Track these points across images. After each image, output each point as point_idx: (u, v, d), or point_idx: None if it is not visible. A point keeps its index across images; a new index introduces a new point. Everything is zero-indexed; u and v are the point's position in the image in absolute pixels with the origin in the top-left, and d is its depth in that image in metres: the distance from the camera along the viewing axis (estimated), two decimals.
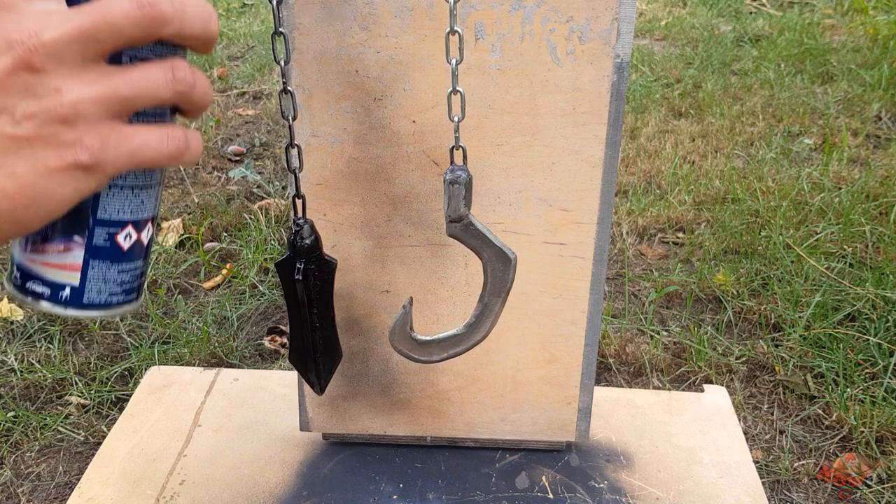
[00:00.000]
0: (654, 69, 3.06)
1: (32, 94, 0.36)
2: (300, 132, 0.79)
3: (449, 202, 0.65)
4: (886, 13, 3.67)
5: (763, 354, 1.47)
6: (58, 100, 0.36)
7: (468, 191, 0.65)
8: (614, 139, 0.78)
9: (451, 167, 0.65)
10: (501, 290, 0.69)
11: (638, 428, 1.04)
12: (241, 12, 4.17)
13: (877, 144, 2.40)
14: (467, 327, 0.71)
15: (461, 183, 0.64)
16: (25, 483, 1.20)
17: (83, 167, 0.37)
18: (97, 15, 0.36)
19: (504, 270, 0.68)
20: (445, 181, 0.64)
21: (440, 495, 0.91)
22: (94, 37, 0.36)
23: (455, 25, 0.63)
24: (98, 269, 0.42)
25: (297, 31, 0.75)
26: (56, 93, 0.36)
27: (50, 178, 0.36)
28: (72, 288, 0.42)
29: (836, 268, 1.69)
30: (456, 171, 0.65)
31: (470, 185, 0.65)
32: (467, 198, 0.65)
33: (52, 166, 0.36)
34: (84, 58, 0.37)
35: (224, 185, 2.21)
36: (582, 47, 0.74)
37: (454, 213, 0.65)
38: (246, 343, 1.53)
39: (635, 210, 1.99)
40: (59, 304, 0.42)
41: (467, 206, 0.66)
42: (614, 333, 1.53)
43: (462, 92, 0.64)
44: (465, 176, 0.65)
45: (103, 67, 0.37)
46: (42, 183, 0.36)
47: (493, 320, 0.70)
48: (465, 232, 0.66)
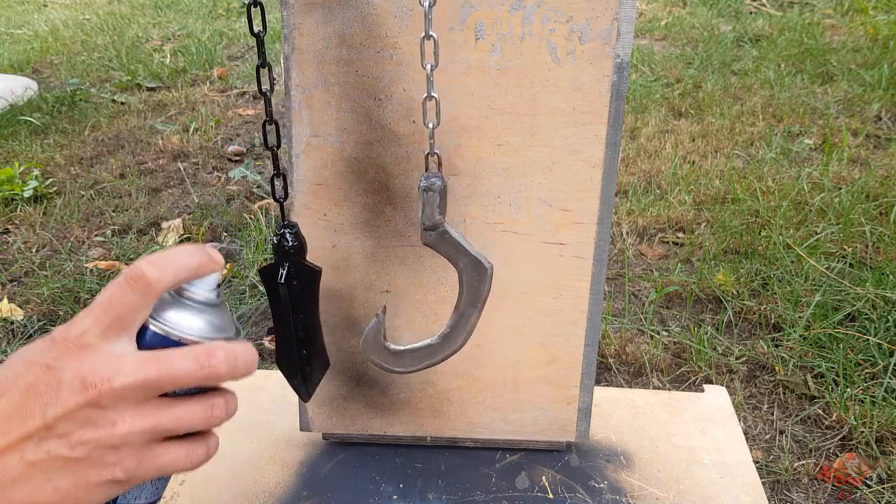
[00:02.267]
0: (654, 69, 3.06)
1: (91, 425, 0.41)
2: (300, 133, 0.79)
3: (423, 209, 0.64)
4: (886, 13, 3.67)
5: (763, 354, 1.47)
6: (112, 430, 0.41)
7: (443, 198, 0.64)
8: (614, 139, 0.78)
9: (426, 174, 0.64)
10: (477, 300, 0.67)
11: (638, 428, 1.04)
12: (240, 12, 4.17)
13: (877, 144, 2.40)
14: (442, 337, 0.69)
15: (436, 190, 0.64)
16: None
17: (118, 482, 0.43)
18: (163, 370, 0.42)
19: (480, 280, 0.67)
20: (420, 188, 0.64)
21: (440, 495, 0.91)
22: (157, 385, 0.42)
23: (430, 30, 0.62)
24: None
25: (297, 31, 0.75)
26: (112, 425, 0.42)
27: (88, 491, 0.42)
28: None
29: (836, 268, 1.69)
30: (430, 178, 0.64)
31: (445, 193, 0.64)
32: (442, 205, 0.64)
33: (92, 482, 0.42)
34: (143, 399, 0.43)
35: (224, 185, 2.21)
36: (582, 47, 0.74)
37: (429, 221, 0.64)
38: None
39: (635, 210, 1.99)
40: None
41: (442, 214, 0.65)
42: (614, 333, 1.53)
43: (437, 98, 0.63)
44: (440, 183, 0.64)
45: (154, 402, 0.43)
46: (80, 495, 0.42)
47: (468, 331, 0.69)
48: (440, 240, 0.66)
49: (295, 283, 0.69)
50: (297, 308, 0.70)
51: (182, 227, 1.93)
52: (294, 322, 0.70)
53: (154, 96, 2.98)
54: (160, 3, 4.44)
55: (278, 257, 0.69)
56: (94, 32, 3.90)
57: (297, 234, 0.69)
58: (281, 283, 0.68)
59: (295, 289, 0.69)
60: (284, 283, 0.68)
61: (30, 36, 3.89)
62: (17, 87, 2.95)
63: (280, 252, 0.69)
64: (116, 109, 2.84)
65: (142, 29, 3.95)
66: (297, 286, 0.69)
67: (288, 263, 0.68)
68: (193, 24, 3.95)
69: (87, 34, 3.86)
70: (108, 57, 3.46)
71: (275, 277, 0.68)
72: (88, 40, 3.75)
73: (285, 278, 0.68)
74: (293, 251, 0.69)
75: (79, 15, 4.34)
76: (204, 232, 1.90)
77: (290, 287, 0.68)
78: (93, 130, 2.63)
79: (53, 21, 4.18)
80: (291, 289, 0.69)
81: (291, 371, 0.75)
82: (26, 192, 2.12)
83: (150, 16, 4.23)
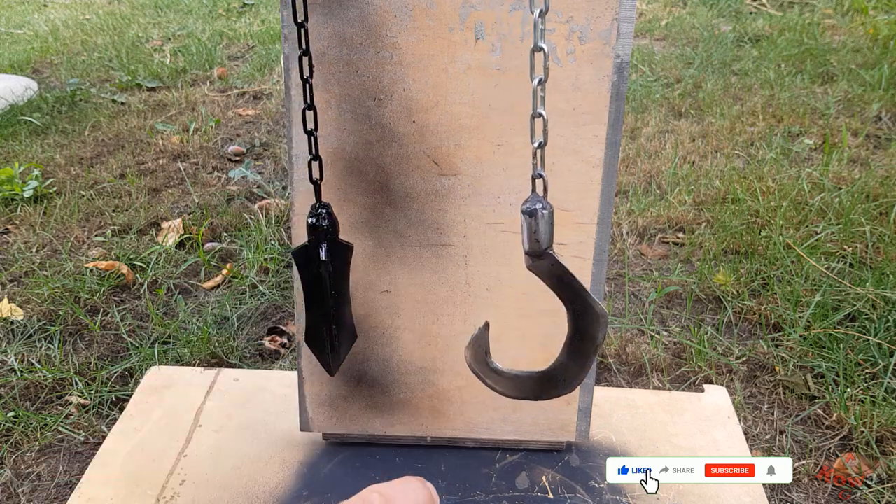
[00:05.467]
0: (654, 69, 3.06)
1: None
2: (300, 133, 0.80)
3: (526, 235, 0.57)
4: (886, 13, 3.67)
5: (763, 354, 1.47)
6: None
7: (549, 225, 0.57)
8: (614, 139, 0.78)
9: (531, 196, 0.57)
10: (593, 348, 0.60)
11: (638, 428, 1.04)
12: (241, 12, 4.17)
13: (877, 144, 2.40)
14: (547, 375, 0.64)
15: (539, 217, 0.57)
16: (25, 483, 1.20)
17: None
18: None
19: (595, 328, 0.60)
20: (522, 212, 0.57)
21: (440, 495, 0.91)
22: None
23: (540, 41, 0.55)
24: None
25: (297, 31, 0.75)
26: None
27: None
28: None
29: (836, 268, 1.69)
30: (535, 202, 0.57)
31: (552, 220, 0.57)
32: (547, 233, 0.57)
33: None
34: None
35: (224, 186, 2.21)
36: (582, 47, 0.74)
37: (530, 247, 0.58)
38: (246, 343, 1.53)
39: (635, 210, 1.98)
40: None
41: (546, 242, 0.58)
42: (614, 333, 1.53)
43: (545, 115, 0.56)
44: (546, 209, 0.57)
45: None
46: None
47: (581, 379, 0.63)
48: (548, 270, 0.59)
49: (332, 258, 0.72)
50: (331, 282, 0.72)
51: (182, 227, 1.93)
52: (328, 296, 0.73)
53: (154, 96, 2.98)
54: (160, 4, 4.44)
55: (315, 237, 0.71)
56: (95, 32, 3.90)
57: (331, 213, 0.72)
58: (323, 260, 0.70)
59: (331, 263, 0.72)
60: (326, 260, 0.70)
61: (30, 36, 3.89)
62: (18, 87, 2.95)
63: (317, 231, 0.71)
64: (116, 109, 2.84)
65: (142, 29, 3.95)
66: (334, 261, 0.72)
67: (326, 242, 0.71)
68: (194, 24, 3.95)
69: (87, 34, 3.86)
70: (108, 57, 3.46)
71: (310, 258, 0.71)
72: (89, 40, 3.75)
73: (325, 253, 0.71)
74: (330, 230, 0.71)
75: (79, 15, 4.34)
76: (204, 232, 1.90)
77: (327, 262, 0.71)
78: (93, 130, 2.63)
79: (54, 21, 4.18)
80: (328, 263, 0.71)
81: (321, 348, 0.77)
82: (26, 192, 2.12)
83: (150, 16, 4.23)
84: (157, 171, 2.32)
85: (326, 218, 0.71)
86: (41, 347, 1.51)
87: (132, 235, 1.93)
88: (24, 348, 1.51)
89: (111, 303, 1.66)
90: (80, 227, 1.98)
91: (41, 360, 1.47)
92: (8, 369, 1.45)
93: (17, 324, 1.58)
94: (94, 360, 1.47)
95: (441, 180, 0.81)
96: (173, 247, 1.86)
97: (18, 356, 1.48)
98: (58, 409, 1.36)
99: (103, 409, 1.35)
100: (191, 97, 2.93)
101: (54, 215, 2.03)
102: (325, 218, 0.71)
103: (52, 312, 1.62)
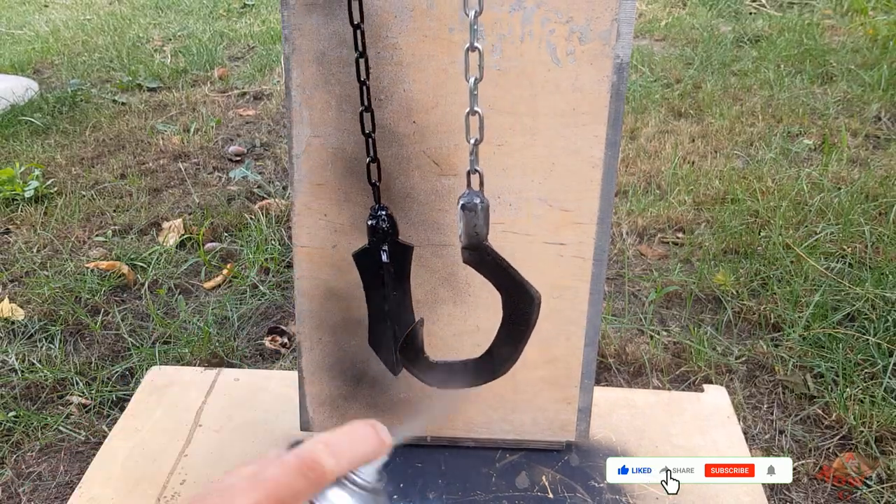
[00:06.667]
0: (653, 69, 3.06)
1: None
2: (300, 133, 0.80)
3: (463, 228, 0.61)
4: (886, 13, 3.67)
5: (763, 354, 1.47)
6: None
7: (485, 218, 0.60)
8: (614, 139, 0.78)
9: (467, 191, 0.61)
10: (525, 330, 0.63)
11: (638, 428, 1.04)
12: (241, 13, 4.17)
13: (876, 145, 2.40)
14: (482, 360, 0.66)
15: (475, 209, 0.60)
16: (26, 483, 1.20)
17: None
18: (272, 488, 0.40)
19: (527, 310, 0.62)
20: (459, 206, 0.61)
21: (440, 495, 0.92)
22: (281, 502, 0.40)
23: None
24: None
25: (297, 32, 0.75)
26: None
27: None
28: None
29: (835, 268, 1.69)
30: (471, 196, 0.60)
31: (487, 212, 0.60)
32: (483, 225, 0.60)
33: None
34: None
35: (224, 186, 2.22)
36: (582, 48, 0.74)
37: (468, 240, 0.61)
38: (247, 343, 1.53)
39: (635, 210, 1.99)
40: None
41: (483, 234, 0.61)
42: (614, 333, 1.53)
43: (481, 113, 0.59)
44: (481, 202, 0.60)
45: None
46: None
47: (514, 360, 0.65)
48: (480, 261, 0.62)
49: (393, 259, 0.72)
50: (393, 284, 0.72)
51: (182, 227, 1.93)
52: (392, 300, 0.73)
53: (155, 97, 2.98)
54: (161, 4, 4.44)
55: (376, 239, 0.71)
56: (95, 33, 3.90)
57: (390, 215, 0.72)
58: (386, 262, 0.71)
59: (393, 265, 0.72)
60: (389, 262, 0.70)
61: (31, 36, 3.89)
62: (19, 88, 2.95)
63: (378, 234, 0.71)
64: (117, 110, 2.84)
65: (143, 29, 3.95)
66: (395, 262, 0.72)
67: (386, 244, 0.71)
68: (194, 24, 3.96)
69: (88, 35, 3.86)
70: (108, 57, 3.46)
71: (372, 260, 0.71)
72: (89, 41, 3.76)
73: (388, 255, 0.71)
74: (391, 231, 0.71)
75: (80, 15, 4.35)
76: (204, 232, 1.90)
77: (389, 264, 0.71)
78: (94, 131, 2.63)
79: (54, 21, 4.18)
80: (391, 265, 0.72)
81: (384, 348, 0.77)
82: (27, 192, 2.12)
83: (150, 16, 4.24)
84: (158, 171, 2.32)
85: (387, 220, 0.71)
86: (42, 347, 1.51)
87: (133, 235, 1.93)
88: (24, 348, 1.51)
89: (112, 303, 1.66)
90: (81, 228, 1.98)
91: (42, 360, 1.47)
92: (9, 369, 1.45)
93: (17, 324, 1.58)
94: (95, 360, 1.48)
95: (441, 180, 0.81)
96: (174, 247, 1.86)
97: (19, 356, 1.48)
98: (59, 408, 1.36)
99: (104, 408, 1.35)
100: (191, 97, 2.93)
101: (55, 215, 2.03)
102: (385, 220, 0.71)
103: (52, 312, 1.62)
